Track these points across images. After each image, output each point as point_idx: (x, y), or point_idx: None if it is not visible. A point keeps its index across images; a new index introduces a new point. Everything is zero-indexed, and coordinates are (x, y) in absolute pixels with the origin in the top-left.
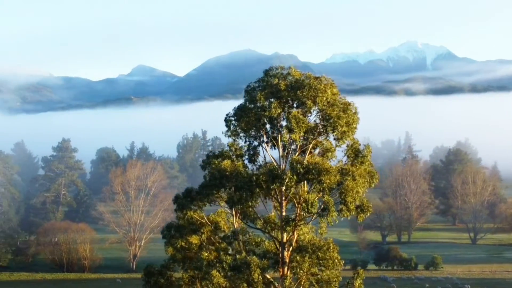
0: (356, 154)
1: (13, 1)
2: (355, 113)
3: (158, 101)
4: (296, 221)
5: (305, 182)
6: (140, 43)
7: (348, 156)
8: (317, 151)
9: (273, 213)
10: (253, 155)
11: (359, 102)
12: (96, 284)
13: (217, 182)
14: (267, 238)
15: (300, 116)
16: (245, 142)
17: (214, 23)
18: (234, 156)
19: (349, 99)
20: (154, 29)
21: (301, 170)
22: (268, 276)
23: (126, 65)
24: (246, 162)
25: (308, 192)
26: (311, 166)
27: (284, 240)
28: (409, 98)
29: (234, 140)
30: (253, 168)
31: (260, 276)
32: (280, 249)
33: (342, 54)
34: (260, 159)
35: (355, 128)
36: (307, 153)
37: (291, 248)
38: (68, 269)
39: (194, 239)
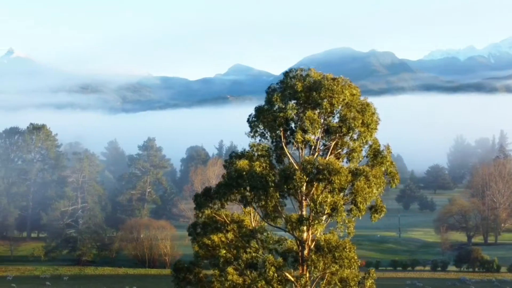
0: (375, 154)
1: (112, 2)
2: (373, 114)
3: (254, 100)
4: (310, 221)
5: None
6: (237, 42)
7: (367, 156)
8: (345, 151)
9: (301, 212)
10: (280, 156)
11: (458, 100)
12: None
13: (234, 182)
14: (289, 237)
15: (315, 117)
16: (272, 142)
17: (310, 21)
18: (255, 157)
19: (448, 96)
20: (251, 28)
21: (312, 170)
22: (288, 275)
23: (223, 64)
24: (274, 162)
25: (321, 192)
26: (321, 167)
27: (304, 239)
28: (511, 95)
29: (260, 140)
30: (279, 168)
31: (275, 274)
32: (300, 248)
33: (441, 50)
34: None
35: (374, 128)
36: (329, 153)
37: (308, 247)
38: (150, 264)
39: (216, 237)
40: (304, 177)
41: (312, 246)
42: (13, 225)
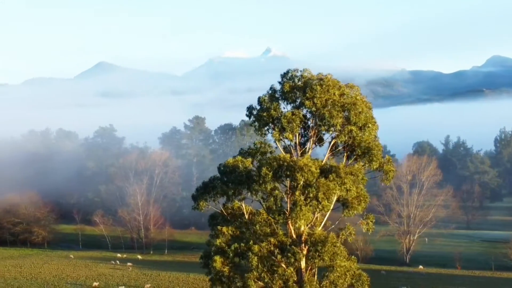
0: (364, 152)
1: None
2: (360, 112)
3: (511, 93)
4: (286, 213)
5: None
6: (497, 32)
7: (354, 154)
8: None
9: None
10: (303, 152)
11: None
12: None
13: (224, 177)
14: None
15: (293, 116)
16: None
17: None
18: (260, 153)
19: None
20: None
21: (280, 166)
22: (283, 265)
23: (481, 56)
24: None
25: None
26: (286, 164)
27: (297, 232)
28: None
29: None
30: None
31: (259, 264)
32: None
33: None
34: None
35: (367, 127)
36: (328, 151)
37: (292, 240)
38: None
39: (225, 228)
40: (270, 173)
41: (296, 239)
42: None
